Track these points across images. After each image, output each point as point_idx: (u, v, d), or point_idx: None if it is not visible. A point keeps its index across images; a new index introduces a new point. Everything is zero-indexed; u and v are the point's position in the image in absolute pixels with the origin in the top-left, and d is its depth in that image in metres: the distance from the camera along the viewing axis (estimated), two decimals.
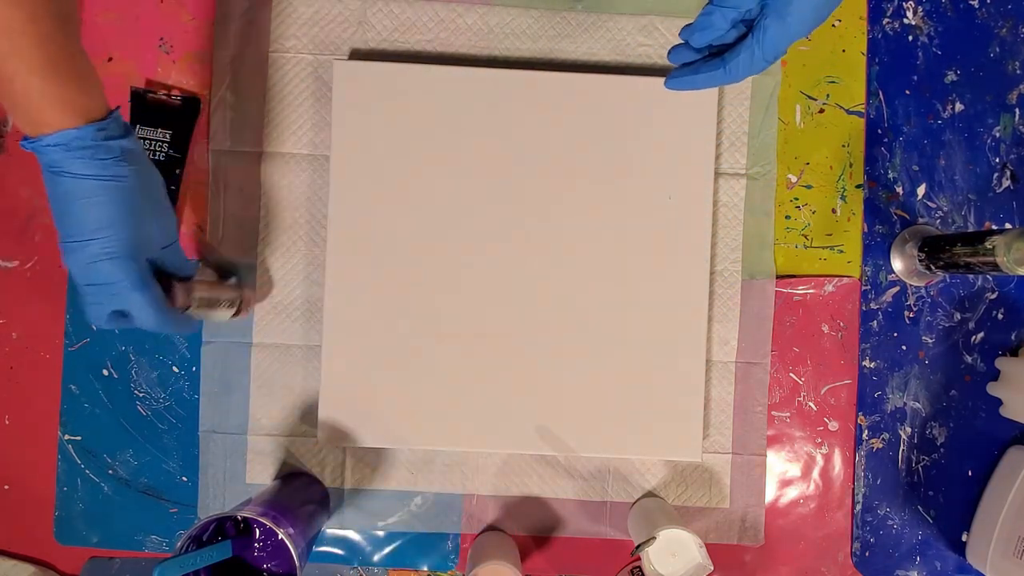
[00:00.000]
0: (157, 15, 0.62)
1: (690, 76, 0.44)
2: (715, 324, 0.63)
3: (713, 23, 0.42)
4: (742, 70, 0.42)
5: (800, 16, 0.40)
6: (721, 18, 0.42)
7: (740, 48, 0.42)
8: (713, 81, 0.43)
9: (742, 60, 0.42)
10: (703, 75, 0.44)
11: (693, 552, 0.55)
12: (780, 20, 0.40)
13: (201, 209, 0.62)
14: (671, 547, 0.55)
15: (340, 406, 0.60)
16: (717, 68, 0.43)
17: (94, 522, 0.62)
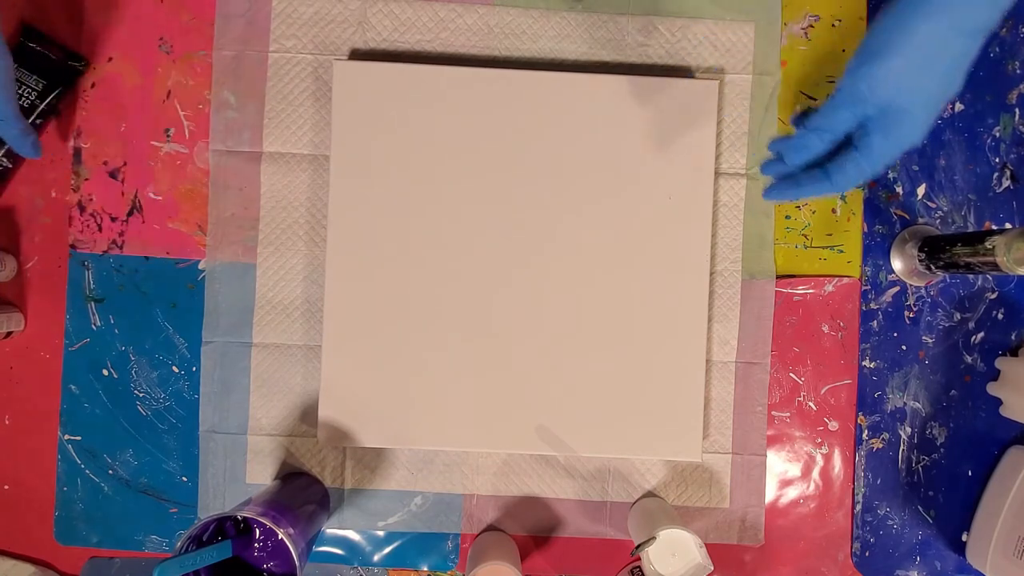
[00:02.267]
0: (157, 15, 0.62)
1: (793, 189, 0.42)
2: (715, 324, 0.63)
3: (809, 145, 0.41)
4: (851, 183, 0.40)
5: (908, 131, 0.38)
6: (818, 140, 0.40)
7: (845, 162, 0.40)
8: (818, 193, 0.42)
9: (849, 175, 0.40)
10: (807, 188, 0.41)
11: (693, 552, 0.55)
12: (885, 136, 0.38)
13: (201, 209, 0.62)
14: (671, 547, 0.55)
15: (340, 406, 0.60)
16: (822, 182, 0.41)
17: (94, 522, 0.62)
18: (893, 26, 0.36)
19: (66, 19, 0.62)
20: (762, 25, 0.63)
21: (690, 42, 0.63)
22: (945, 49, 0.35)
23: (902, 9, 0.36)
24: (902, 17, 0.36)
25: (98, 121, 0.62)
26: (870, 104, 0.38)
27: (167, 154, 0.62)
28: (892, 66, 0.36)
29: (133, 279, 0.62)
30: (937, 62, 0.36)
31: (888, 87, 0.37)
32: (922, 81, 0.36)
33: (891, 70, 0.36)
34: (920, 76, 0.36)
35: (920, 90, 0.36)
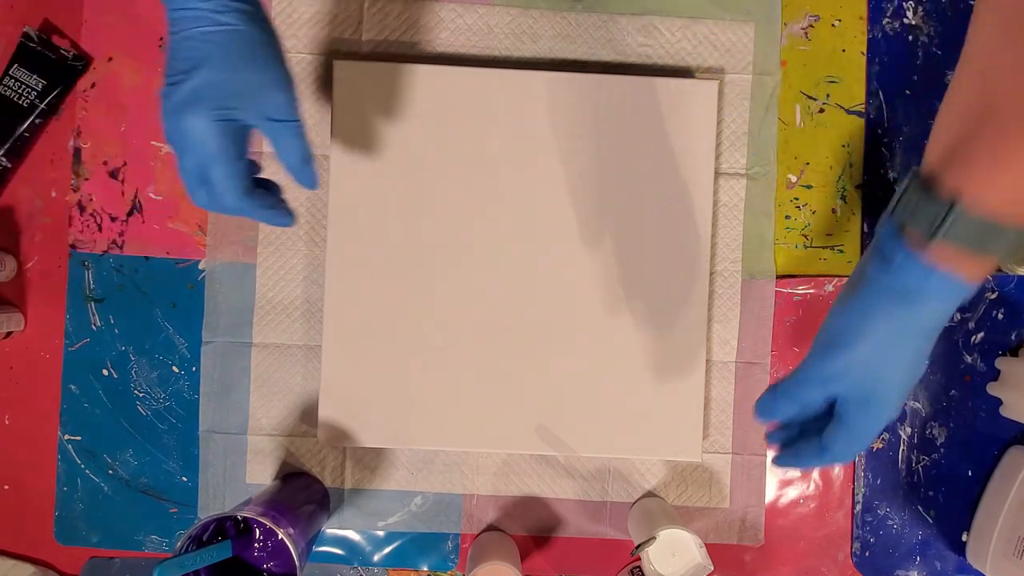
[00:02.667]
0: (157, 15, 0.62)
1: (794, 459, 0.43)
2: (715, 324, 0.63)
3: (777, 409, 0.42)
4: (847, 456, 0.41)
5: (882, 410, 0.38)
6: (787, 407, 0.41)
7: (835, 440, 0.40)
8: (821, 465, 0.45)
9: (841, 450, 0.40)
10: (807, 460, 0.42)
11: (693, 552, 0.54)
12: (864, 416, 0.39)
13: (201, 209, 0.62)
14: (671, 547, 0.55)
15: (340, 406, 0.60)
16: (821, 456, 0.41)
17: (94, 522, 0.62)
18: (855, 320, 0.37)
19: (66, 19, 0.62)
20: (762, 25, 0.63)
21: (690, 42, 0.63)
22: (905, 345, 0.37)
23: (862, 304, 0.37)
24: (863, 312, 0.37)
25: (98, 121, 0.62)
26: (840, 385, 0.39)
27: (167, 154, 0.62)
28: (855, 358, 0.37)
29: (133, 279, 0.62)
30: (899, 356, 0.37)
31: (853, 375, 0.38)
32: (887, 371, 0.37)
33: (854, 361, 0.37)
34: (883, 367, 0.37)
35: (885, 378, 0.37)
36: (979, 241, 0.33)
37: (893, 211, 0.37)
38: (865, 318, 0.37)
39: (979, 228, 0.33)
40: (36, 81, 0.60)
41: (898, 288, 0.35)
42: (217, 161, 0.42)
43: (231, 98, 0.42)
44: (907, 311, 0.35)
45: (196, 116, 0.41)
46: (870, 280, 0.37)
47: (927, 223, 0.34)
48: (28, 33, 0.60)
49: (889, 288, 0.36)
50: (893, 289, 0.36)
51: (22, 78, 0.60)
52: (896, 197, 0.37)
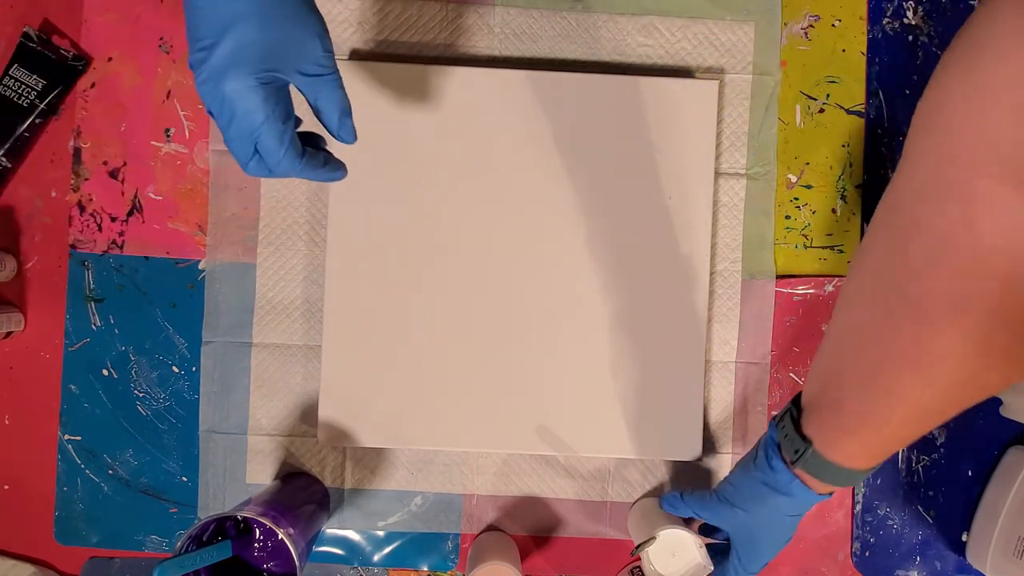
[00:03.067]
0: (157, 15, 0.62)
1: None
2: (715, 324, 0.63)
3: (678, 508, 0.56)
4: (743, 573, 0.52)
5: (762, 553, 0.50)
6: (688, 511, 0.55)
7: (729, 568, 0.52)
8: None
9: (734, 569, 0.52)
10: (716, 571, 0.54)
11: (693, 552, 0.54)
12: (749, 552, 0.50)
13: (201, 209, 0.62)
14: (671, 547, 0.55)
15: (340, 406, 0.60)
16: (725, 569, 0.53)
17: (94, 522, 0.62)
18: (743, 494, 0.49)
19: (66, 19, 0.62)
20: (762, 25, 0.63)
21: (690, 42, 0.63)
22: (777, 519, 0.48)
23: (749, 486, 0.48)
24: (749, 491, 0.48)
25: (98, 121, 0.62)
26: (732, 527, 0.51)
27: (167, 154, 0.62)
28: (742, 517, 0.49)
29: (133, 279, 0.62)
30: (771, 524, 0.48)
31: (742, 526, 0.50)
32: (764, 532, 0.49)
33: (742, 518, 0.49)
34: (761, 529, 0.49)
35: (763, 537, 0.49)
36: (824, 474, 0.42)
37: (778, 422, 0.46)
38: (750, 496, 0.48)
39: (825, 466, 0.42)
40: (36, 81, 0.60)
41: (771, 483, 0.46)
42: (267, 126, 0.40)
43: (270, 56, 0.39)
44: (777, 499, 0.46)
45: (237, 80, 0.38)
46: (757, 467, 0.47)
47: (791, 451, 0.43)
48: (28, 33, 0.60)
49: (767, 482, 0.46)
50: (768, 483, 0.46)
51: (22, 78, 0.60)
52: (781, 413, 0.46)
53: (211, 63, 0.38)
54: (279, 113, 0.41)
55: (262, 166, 0.42)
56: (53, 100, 0.61)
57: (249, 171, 0.42)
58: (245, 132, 0.40)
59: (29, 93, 0.60)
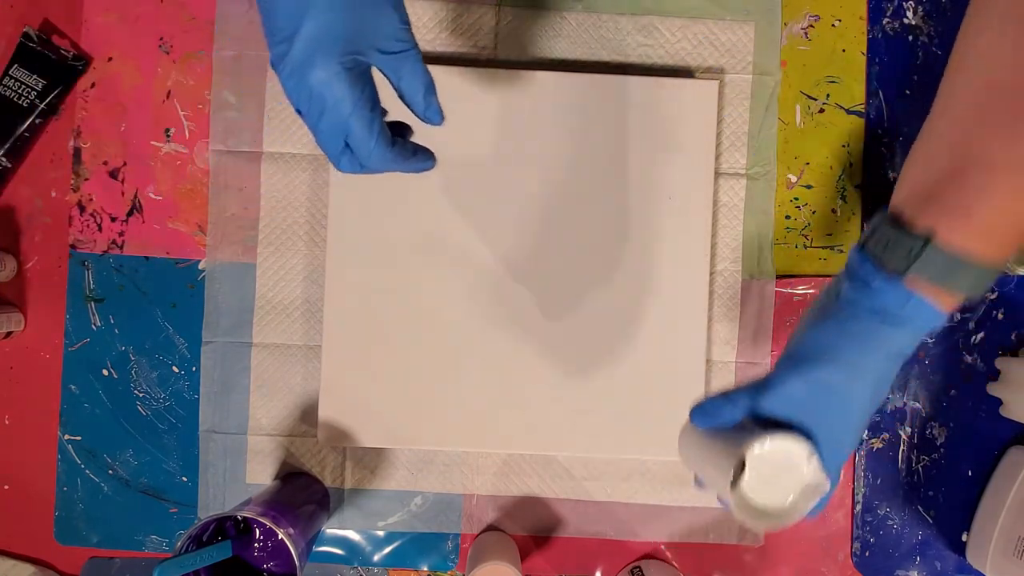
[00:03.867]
0: (157, 15, 0.62)
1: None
2: (715, 324, 0.63)
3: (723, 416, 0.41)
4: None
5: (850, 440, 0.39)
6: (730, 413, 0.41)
7: None
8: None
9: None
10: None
11: (801, 468, 0.38)
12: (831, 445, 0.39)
13: (201, 209, 0.62)
14: (767, 469, 0.38)
15: (340, 406, 0.60)
16: None
17: (94, 522, 0.62)
18: (832, 337, 0.38)
19: (66, 19, 0.62)
20: (762, 25, 0.63)
21: (690, 42, 0.63)
22: (875, 367, 0.37)
23: (839, 323, 0.38)
24: (840, 330, 0.38)
25: (98, 121, 0.62)
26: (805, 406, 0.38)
27: (167, 154, 0.62)
28: (830, 382, 0.38)
29: (133, 279, 0.62)
30: (866, 380, 0.38)
31: (822, 401, 0.38)
32: (860, 394, 0.38)
33: (830, 382, 0.38)
34: (858, 390, 0.38)
35: (856, 403, 0.38)
36: (950, 275, 0.35)
37: (864, 245, 0.38)
38: (840, 345, 0.37)
39: (950, 263, 0.35)
40: (36, 81, 0.60)
41: (877, 308, 0.37)
42: (356, 115, 0.38)
43: (350, 37, 0.37)
44: (884, 332, 0.37)
45: (322, 68, 0.36)
46: (848, 301, 0.38)
47: (903, 256, 0.36)
48: (28, 33, 0.60)
49: (869, 308, 0.37)
50: (873, 309, 0.37)
51: (22, 78, 0.60)
52: (868, 232, 0.39)
53: (292, 55, 0.36)
54: (366, 100, 0.38)
55: (354, 161, 0.40)
56: (53, 100, 0.61)
57: (342, 168, 0.40)
58: (335, 125, 0.38)
59: (29, 93, 0.60)
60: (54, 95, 0.61)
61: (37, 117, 0.61)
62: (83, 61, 0.62)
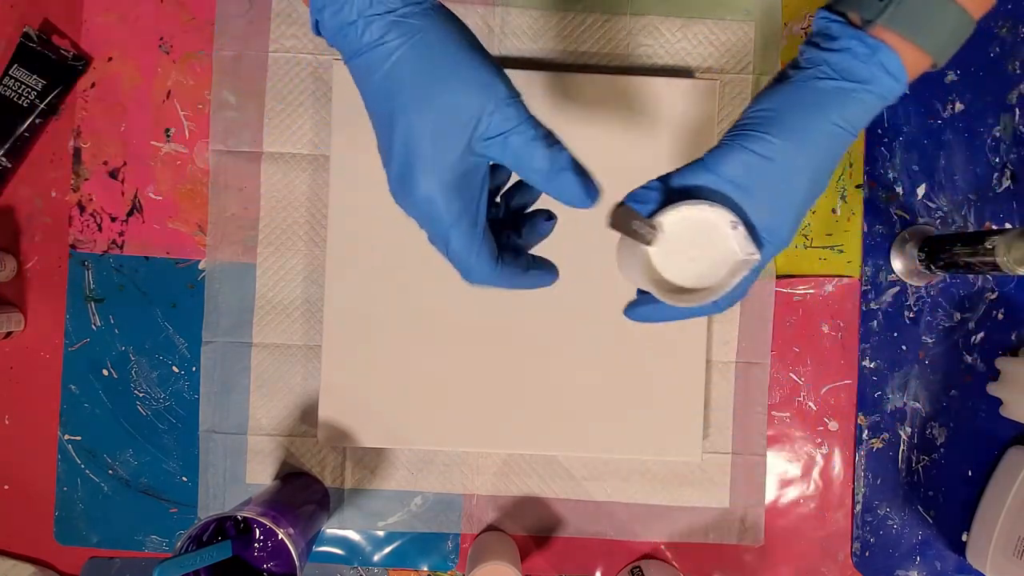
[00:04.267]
0: (157, 15, 0.62)
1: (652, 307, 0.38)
2: (715, 324, 0.63)
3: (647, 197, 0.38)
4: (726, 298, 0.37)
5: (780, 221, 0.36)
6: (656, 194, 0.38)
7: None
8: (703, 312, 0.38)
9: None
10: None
11: (725, 239, 0.34)
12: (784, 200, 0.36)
13: (201, 209, 0.62)
14: (684, 242, 0.35)
15: (340, 406, 0.60)
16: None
17: (94, 522, 0.62)
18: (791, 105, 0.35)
19: (66, 19, 0.62)
20: (762, 25, 0.63)
21: (690, 42, 0.63)
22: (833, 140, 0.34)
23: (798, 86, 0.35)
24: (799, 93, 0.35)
25: (98, 121, 0.62)
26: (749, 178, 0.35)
27: (167, 154, 0.62)
28: (778, 152, 0.34)
29: (133, 279, 0.62)
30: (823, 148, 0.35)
31: (768, 170, 0.35)
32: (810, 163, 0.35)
33: (778, 152, 0.34)
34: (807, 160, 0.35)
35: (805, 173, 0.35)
36: (924, 21, 0.32)
37: (831, 3, 0.35)
38: (790, 101, 0.34)
39: (926, 5, 0.32)
40: (36, 81, 0.60)
41: (837, 65, 0.33)
42: (455, 232, 0.34)
43: (441, 140, 0.33)
44: (838, 95, 0.33)
45: (422, 184, 0.33)
46: (807, 61, 0.34)
47: (874, 5, 0.33)
48: (28, 33, 0.60)
49: (829, 66, 0.34)
50: (832, 66, 0.33)
51: (22, 78, 0.60)
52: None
53: (393, 173, 0.34)
54: (468, 213, 0.34)
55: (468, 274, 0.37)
56: (53, 100, 0.61)
57: (469, 280, 0.37)
58: (438, 238, 0.35)
59: (29, 93, 0.60)
60: (54, 95, 0.61)
61: (37, 117, 0.61)
62: (83, 61, 0.62)
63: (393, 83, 0.33)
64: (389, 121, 0.33)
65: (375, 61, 0.33)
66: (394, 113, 0.33)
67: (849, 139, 0.34)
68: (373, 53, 0.33)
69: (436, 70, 0.33)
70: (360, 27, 0.32)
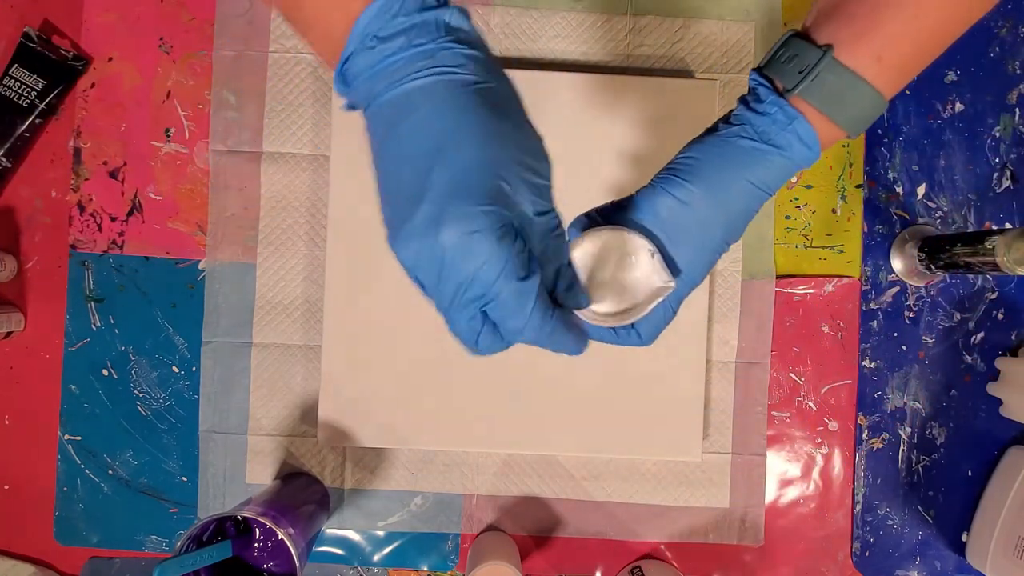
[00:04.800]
0: (157, 15, 0.62)
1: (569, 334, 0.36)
2: (715, 324, 0.63)
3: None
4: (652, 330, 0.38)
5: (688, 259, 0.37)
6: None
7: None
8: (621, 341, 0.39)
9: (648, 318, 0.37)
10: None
11: (642, 265, 0.36)
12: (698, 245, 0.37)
13: (201, 209, 0.62)
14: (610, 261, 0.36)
15: (340, 406, 0.60)
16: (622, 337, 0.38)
17: (94, 522, 0.62)
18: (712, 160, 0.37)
19: (66, 19, 0.62)
20: (762, 25, 0.63)
21: (690, 42, 0.63)
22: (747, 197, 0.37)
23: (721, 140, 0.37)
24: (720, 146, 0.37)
25: (98, 121, 0.62)
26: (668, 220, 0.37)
27: (167, 154, 0.62)
28: (696, 199, 0.36)
29: (133, 279, 0.62)
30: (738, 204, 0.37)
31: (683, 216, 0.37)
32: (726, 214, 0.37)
33: (695, 199, 0.36)
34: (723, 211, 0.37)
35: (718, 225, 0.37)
36: (838, 97, 0.34)
37: (763, 65, 0.37)
38: (717, 163, 0.36)
39: (843, 80, 0.34)
40: (36, 81, 0.60)
41: (757, 127, 0.36)
42: (505, 281, 0.30)
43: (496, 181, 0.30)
44: (754, 156, 0.36)
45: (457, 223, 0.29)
46: (736, 117, 0.37)
47: (795, 72, 0.35)
48: (28, 33, 0.60)
49: (750, 127, 0.36)
50: (753, 127, 0.36)
51: (22, 78, 0.60)
52: (768, 54, 0.37)
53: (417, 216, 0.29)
54: (520, 259, 0.30)
55: (496, 337, 0.32)
56: (53, 100, 0.61)
57: (482, 350, 0.33)
58: (473, 295, 0.30)
59: (29, 93, 0.60)
60: (54, 95, 0.61)
61: (37, 117, 0.61)
62: (83, 61, 0.62)
63: (449, 114, 0.29)
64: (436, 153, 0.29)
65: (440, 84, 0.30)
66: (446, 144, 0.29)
67: (764, 197, 0.37)
68: (438, 76, 0.30)
69: (507, 110, 0.32)
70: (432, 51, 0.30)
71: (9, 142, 0.61)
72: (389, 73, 0.30)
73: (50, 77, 0.60)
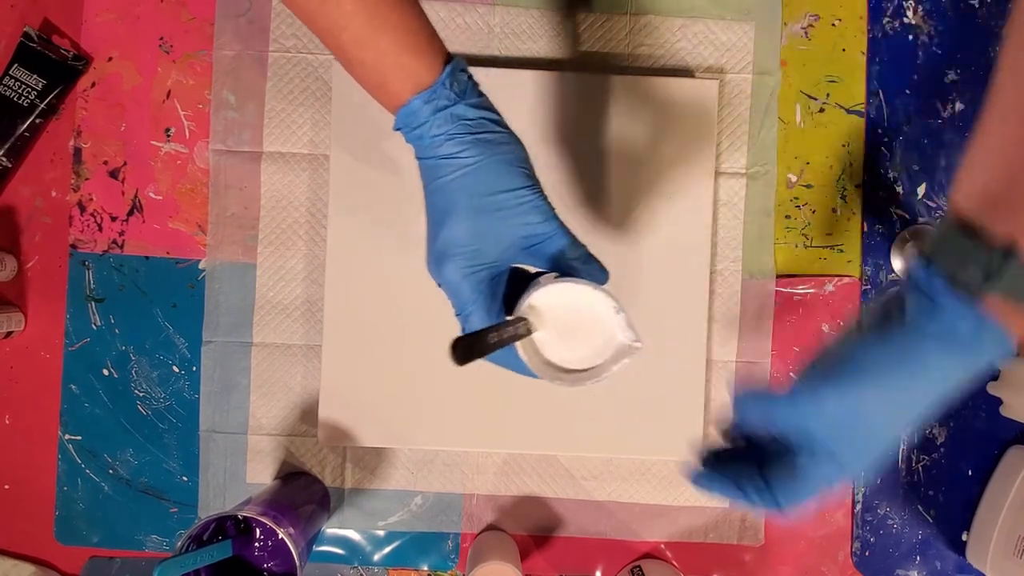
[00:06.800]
0: (157, 15, 0.62)
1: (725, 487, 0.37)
2: (715, 324, 0.63)
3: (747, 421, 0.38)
4: (790, 502, 0.36)
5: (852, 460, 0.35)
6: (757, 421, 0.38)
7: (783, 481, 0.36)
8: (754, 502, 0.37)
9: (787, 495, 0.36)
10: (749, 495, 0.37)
11: (608, 323, 0.35)
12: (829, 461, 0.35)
13: (201, 209, 0.62)
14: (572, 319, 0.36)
15: (340, 406, 0.60)
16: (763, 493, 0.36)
17: (94, 522, 0.62)
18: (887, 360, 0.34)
19: (66, 19, 0.62)
20: (762, 25, 0.63)
21: (690, 42, 0.63)
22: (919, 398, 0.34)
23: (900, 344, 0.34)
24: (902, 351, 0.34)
25: (98, 121, 0.62)
26: (831, 420, 0.35)
27: (167, 154, 0.63)
28: (866, 398, 0.34)
29: (133, 279, 0.62)
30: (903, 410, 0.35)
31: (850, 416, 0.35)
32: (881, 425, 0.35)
33: (866, 399, 0.34)
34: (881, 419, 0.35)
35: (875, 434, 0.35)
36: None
37: (932, 256, 0.34)
38: (894, 363, 0.34)
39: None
40: (36, 81, 0.60)
41: (944, 334, 0.33)
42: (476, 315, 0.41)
43: (479, 249, 0.40)
44: (943, 360, 0.33)
45: (451, 268, 0.41)
46: (914, 324, 0.34)
47: (979, 272, 0.32)
48: (28, 33, 0.60)
49: (933, 333, 0.33)
50: (938, 335, 0.33)
51: (22, 78, 0.60)
52: (934, 241, 0.34)
53: (434, 247, 0.41)
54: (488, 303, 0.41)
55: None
56: (53, 100, 0.61)
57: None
58: (460, 314, 0.42)
59: (29, 93, 0.60)
60: (54, 95, 0.61)
61: (37, 117, 0.61)
62: (83, 61, 0.62)
63: (455, 190, 0.40)
64: (442, 216, 0.41)
65: (445, 168, 0.40)
66: (449, 212, 0.40)
67: (948, 393, 0.34)
68: (446, 161, 0.40)
69: (500, 184, 0.41)
70: (440, 140, 0.40)
71: (9, 142, 0.61)
72: (424, 146, 0.41)
73: (50, 77, 0.61)
